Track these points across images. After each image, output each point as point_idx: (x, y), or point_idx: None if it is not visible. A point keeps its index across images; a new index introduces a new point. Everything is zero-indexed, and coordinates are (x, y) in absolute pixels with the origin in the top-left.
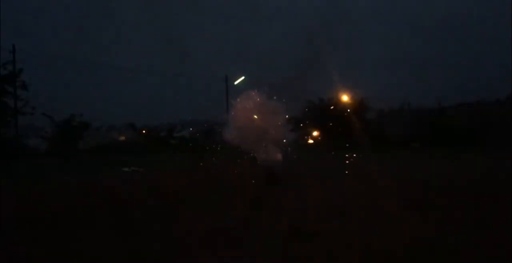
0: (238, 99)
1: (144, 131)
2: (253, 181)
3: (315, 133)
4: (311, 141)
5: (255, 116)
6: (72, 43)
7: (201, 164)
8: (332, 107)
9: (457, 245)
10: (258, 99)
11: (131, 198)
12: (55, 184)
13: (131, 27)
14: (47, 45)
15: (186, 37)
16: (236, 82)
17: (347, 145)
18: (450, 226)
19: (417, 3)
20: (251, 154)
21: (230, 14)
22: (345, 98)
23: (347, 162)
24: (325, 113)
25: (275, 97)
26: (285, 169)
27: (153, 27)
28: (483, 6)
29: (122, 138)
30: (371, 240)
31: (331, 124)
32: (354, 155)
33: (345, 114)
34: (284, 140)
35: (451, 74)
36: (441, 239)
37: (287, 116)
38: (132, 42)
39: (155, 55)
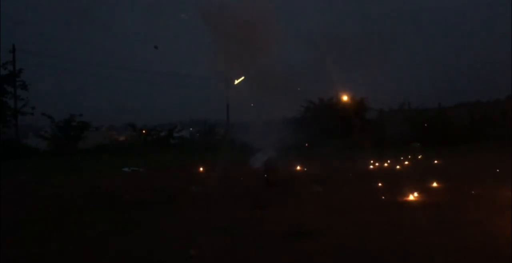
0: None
1: (144, 131)
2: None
3: None
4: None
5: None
6: (72, 43)
7: (201, 164)
8: (334, 107)
9: None
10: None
11: (131, 198)
12: (55, 184)
13: (131, 27)
14: (47, 45)
15: (186, 37)
16: (236, 82)
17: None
18: None
19: (417, 3)
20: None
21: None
22: (345, 98)
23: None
24: (326, 113)
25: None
26: None
27: (153, 27)
28: (484, 5)
29: (122, 138)
30: None
31: (333, 123)
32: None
33: (347, 114)
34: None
35: (451, 74)
36: None
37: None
38: (133, 42)
39: (156, 55)
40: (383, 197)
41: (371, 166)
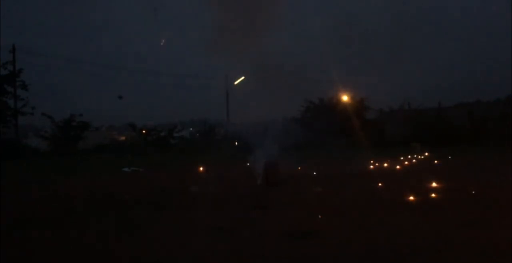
0: None
1: (144, 131)
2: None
3: None
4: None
5: None
6: (72, 42)
7: (201, 164)
8: (334, 107)
9: None
10: None
11: (131, 198)
12: (55, 184)
13: (131, 26)
14: (47, 45)
15: (186, 37)
16: (236, 82)
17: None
18: None
19: (417, 3)
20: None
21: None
22: (345, 98)
23: None
24: (326, 113)
25: None
26: None
27: (153, 26)
28: (483, 5)
29: (122, 138)
30: None
31: (333, 123)
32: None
33: (347, 114)
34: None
35: (451, 74)
36: None
37: None
38: (132, 42)
39: (156, 54)
40: (383, 197)
41: (371, 166)
